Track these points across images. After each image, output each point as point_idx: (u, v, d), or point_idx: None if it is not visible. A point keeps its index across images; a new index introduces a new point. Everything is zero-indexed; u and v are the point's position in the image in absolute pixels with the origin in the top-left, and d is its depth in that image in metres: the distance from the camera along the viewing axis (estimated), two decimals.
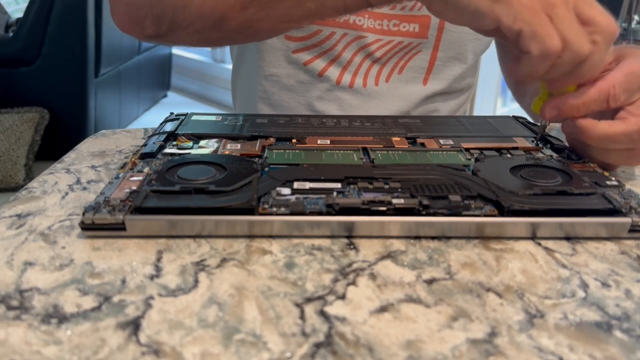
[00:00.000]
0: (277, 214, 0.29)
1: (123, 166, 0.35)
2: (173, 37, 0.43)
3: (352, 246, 0.29)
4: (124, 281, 0.25)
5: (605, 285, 0.26)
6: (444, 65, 0.59)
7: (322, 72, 0.58)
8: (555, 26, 0.33)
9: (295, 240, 0.29)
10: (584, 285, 0.26)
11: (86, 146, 0.45)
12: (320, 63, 0.58)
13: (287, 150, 0.38)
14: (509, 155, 0.39)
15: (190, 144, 0.40)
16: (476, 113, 2.48)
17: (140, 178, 0.33)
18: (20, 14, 1.96)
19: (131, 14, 0.43)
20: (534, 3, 0.32)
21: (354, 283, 0.26)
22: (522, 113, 0.54)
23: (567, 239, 0.30)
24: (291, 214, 0.29)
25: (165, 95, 2.94)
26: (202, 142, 0.40)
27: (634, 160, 0.38)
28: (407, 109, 0.59)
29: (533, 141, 0.42)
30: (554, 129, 0.52)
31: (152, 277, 0.26)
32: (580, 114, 0.37)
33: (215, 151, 0.38)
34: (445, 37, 0.57)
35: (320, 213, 0.29)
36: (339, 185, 0.32)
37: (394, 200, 0.30)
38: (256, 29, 0.40)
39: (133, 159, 0.36)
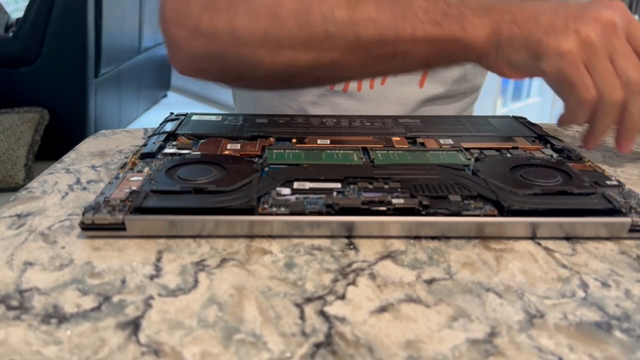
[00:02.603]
0: (277, 214, 0.29)
1: (123, 166, 0.35)
2: (237, 85, 0.45)
3: (352, 246, 0.29)
4: (124, 281, 0.25)
5: (605, 285, 0.26)
6: (438, 72, 0.58)
7: None
8: (593, 77, 0.35)
9: (295, 240, 0.29)
10: (584, 285, 0.26)
11: (86, 146, 0.45)
12: None
13: (287, 150, 0.38)
14: (509, 155, 0.39)
15: (190, 144, 0.40)
16: (476, 113, 2.48)
17: (140, 178, 0.33)
18: (19, 14, 1.96)
19: (195, 65, 0.42)
20: (576, 54, 0.35)
21: (353, 283, 0.26)
22: (522, 113, 0.54)
23: (567, 239, 0.30)
24: (291, 214, 0.29)
25: (165, 95, 2.94)
26: (202, 142, 0.40)
27: None
28: (404, 113, 0.59)
29: (533, 141, 0.42)
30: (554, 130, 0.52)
31: (152, 277, 0.26)
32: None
33: (215, 151, 0.38)
34: None
35: (320, 213, 0.29)
36: (339, 185, 0.32)
37: (394, 200, 0.30)
38: (321, 84, 0.46)
39: (133, 159, 0.36)
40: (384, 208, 0.29)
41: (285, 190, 0.31)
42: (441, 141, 0.41)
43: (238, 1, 0.38)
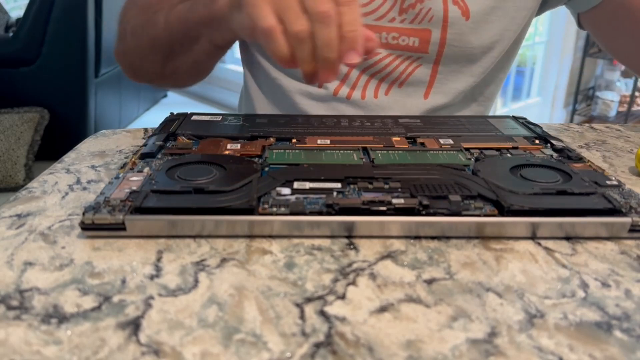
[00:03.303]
0: (277, 214, 0.29)
1: (123, 166, 0.35)
2: (158, 84, 0.62)
3: (352, 246, 0.29)
4: (124, 281, 0.25)
5: (605, 285, 0.26)
6: (446, 79, 0.57)
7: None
8: (279, 14, 0.37)
9: (295, 240, 0.29)
10: (584, 285, 0.26)
11: (86, 146, 0.45)
12: None
13: (287, 150, 0.38)
14: (509, 155, 0.39)
15: (191, 143, 0.40)
16: None
17: (140, 178, 0.33)
18: (17, 12, 1.96)
19: (129, 73, 0.60)
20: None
21: (354, 283, 0.26)
22: (522, 113, 0.54)
23: (567, 238, 0.30)
24: (291, 214, 0.29)
25: (165, 95, 2.93)
26: (202, 142, 0.40)
27: None
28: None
29: (533, 141, 0.42)
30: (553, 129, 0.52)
31: (152, 277, 0.26)
32: None
33: (215, 151, 0.38)
34: (448, 53, 0.55)
35: (320, 213, 0.29)
36: (339, 185, 0.32)
37: (394, 200, 0.30)
38: (178, 75, 0.57)
39: (133, 159, 0.36)
40: (384, 208, 0.29)
41: (285, 190, 0.31)
42: (441, 141, 0.41)
43: (124, 32, 0.56)
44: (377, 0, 0.53)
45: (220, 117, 0.47)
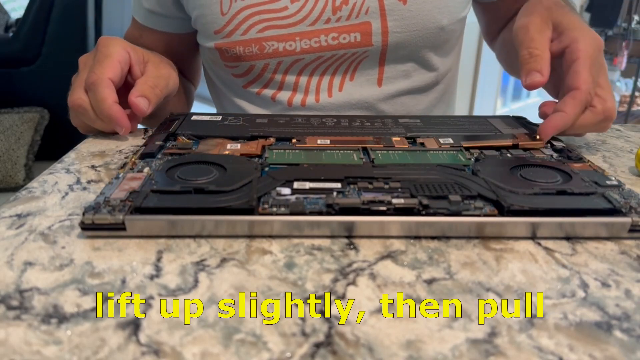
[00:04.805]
0: (277, 214, 0.29)
1: (123, 166, 0.35)
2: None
3: (352, 246, 0.29)
4: (124, 281, 0.25)
5: (605, 285, 0.26)
6: (395, 67, 0.57)
7: (273, 96, 0.58)
8: None
9: (295, 240, 0.29)
10: (584, 285, 0.26)
11: (86, 146, 0.45)
12: (268, 92, 0.58)
13: (287, 150, 0.38)
14: (509, 155, 0.39)
15: (191, 143, 0.40)
16: (476, 113, 2.48)
17: (141, 178, 0.33)
18: (17, 10, 1.96)
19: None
20: None
21: (354, 283, 0.26)
22: (522, 113, 0.54)
23: (567, 238, 0.30)
24: (291, 214, 0.29)
25: None
26: (202, 142, 0.40)
27: (603, 128, 0.44)
28: (370, 114, 0.58)
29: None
30: None
31: (152, 277, 0.26)
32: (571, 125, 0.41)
33: (215, 151, 0.38)
34: (393, 40, 0.54)
35: (320, 213, 0.29)
36: (339, 185, 0.32)
37: (394, 200, 0.30)
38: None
39: (133, 159, 0.36)
40: (384, 208, 0.29)
41: (285, 190, 0.31)
42: (441, 141, 0.41)
43: None
44: (307, 6, 0.53)
45: (220, 117, 0.47)
